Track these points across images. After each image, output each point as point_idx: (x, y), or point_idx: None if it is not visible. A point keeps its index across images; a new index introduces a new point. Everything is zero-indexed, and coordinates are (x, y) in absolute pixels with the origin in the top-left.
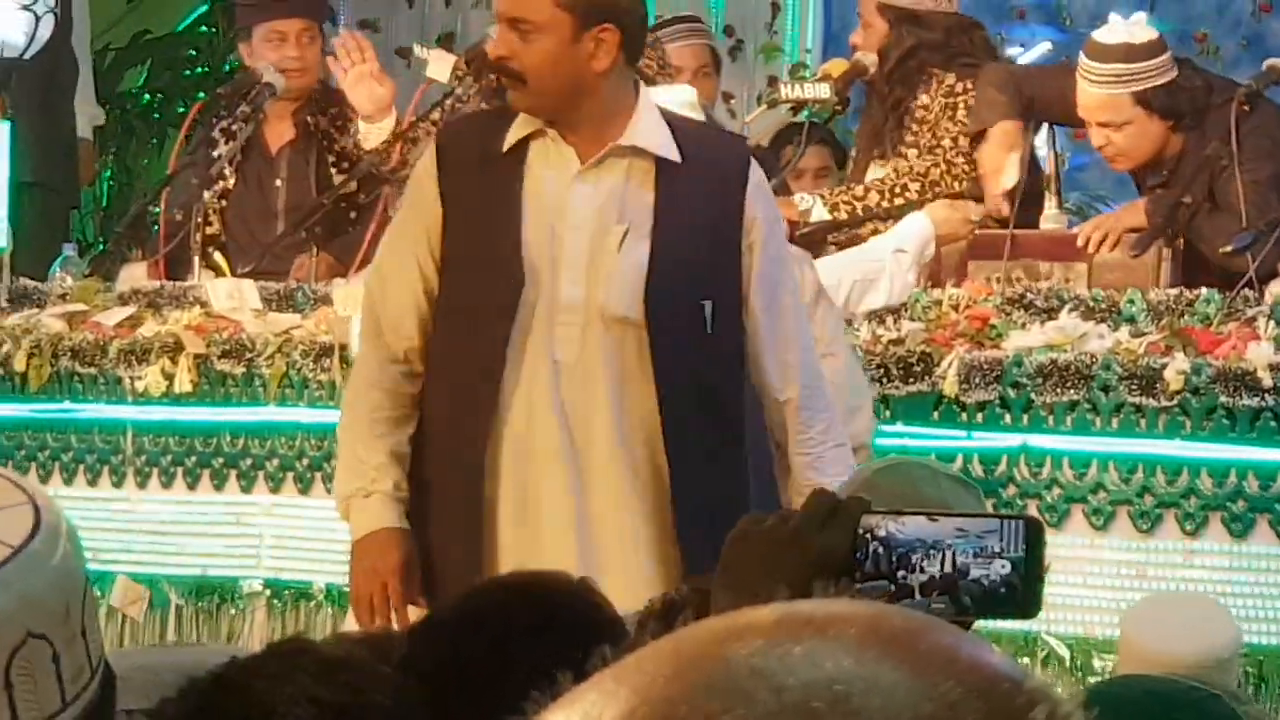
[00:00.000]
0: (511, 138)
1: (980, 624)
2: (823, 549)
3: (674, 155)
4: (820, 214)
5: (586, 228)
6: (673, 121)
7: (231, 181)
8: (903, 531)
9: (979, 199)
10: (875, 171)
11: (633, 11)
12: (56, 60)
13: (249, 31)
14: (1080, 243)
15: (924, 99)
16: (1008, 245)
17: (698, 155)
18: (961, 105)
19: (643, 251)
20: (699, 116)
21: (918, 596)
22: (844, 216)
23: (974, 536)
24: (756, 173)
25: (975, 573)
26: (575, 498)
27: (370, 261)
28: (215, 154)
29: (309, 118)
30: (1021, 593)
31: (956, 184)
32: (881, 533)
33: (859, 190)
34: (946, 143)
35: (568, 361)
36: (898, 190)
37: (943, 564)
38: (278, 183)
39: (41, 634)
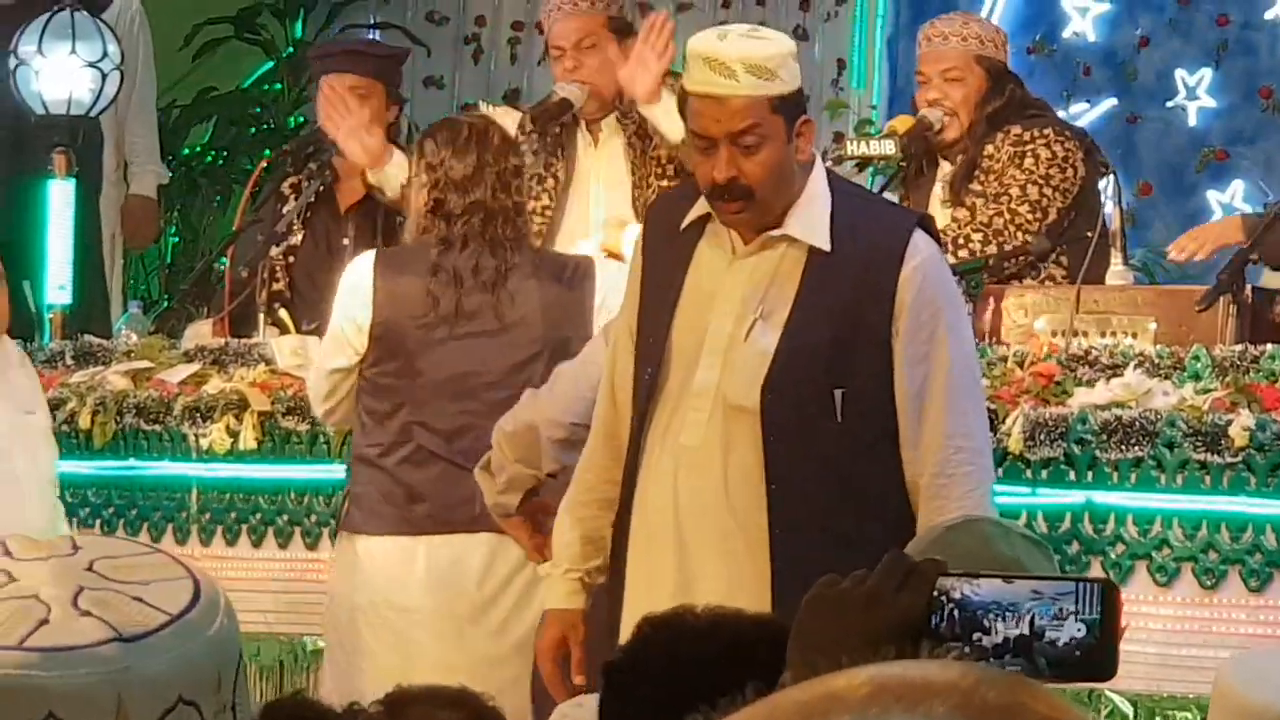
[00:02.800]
0: (690, 216)
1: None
2: (899, 612)
3: (824, 244)
4: None
5: (731, 314)
6: (841, 198)
7: (299, 238)
8: (978, 594)
9: (1045, 254)
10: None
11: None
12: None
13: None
14: (1173, 254)
15: (990, 149)
16: (1076, 299)
17: (853, 240)
18: (1029, 154)
19: (770, 340)
20: None
21: (991, 659)
22: None
23: (1049, 598)
24: (917, 256)
25: (1050, 635)
26: (678, 586)
27: None
28: (283, 209)
29: None
30: (1098, 655)
31: (1020, 234)
32: (957, 595)
33: None
34: (1014, 191)
35: (690, 445)
36: (961, 241)
37: (1018, 626)
38: (345, 241)
39: (193, 701)
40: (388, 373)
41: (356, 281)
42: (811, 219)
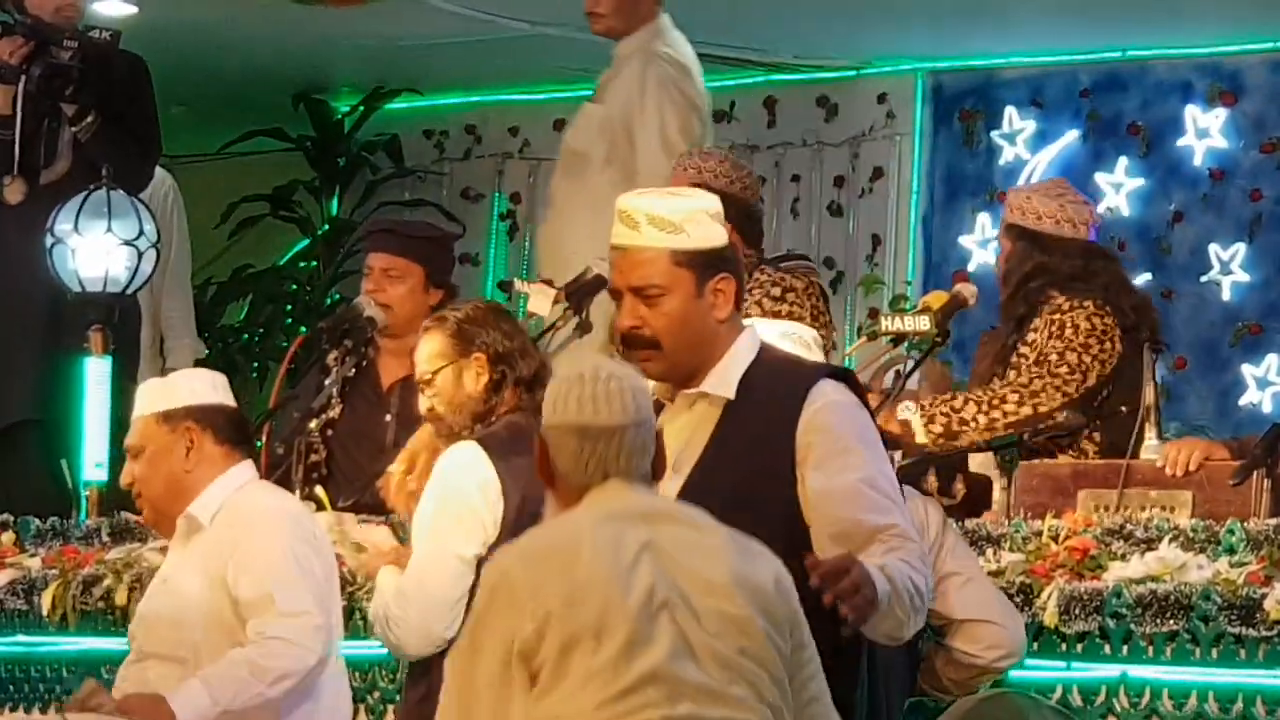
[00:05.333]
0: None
1: None
2: None
3: (729, 394)
4: (917, 424)
5: None
6: (764, 356)
7: (337, 412)
8: None
9: (1078, 428)
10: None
11: (740, 260)
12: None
13: None
14: (1160, 464)
15: (1035, 322)
16: (1123, 474)
17: (761, 391)
18: (1069, 324)
19: (673, 489)
20: (816, 355)
21: None
22: (939, 429)
23: None
24: (820, 399)
25: None
26: None
27: None
28: (326, 381)
29: None
30: None
31: (1059, 395)
32: None
33: (957, 401)
34: (1053, 356)
35: None
36: (995, 402)
37: None
38: (387, 417)
39: None
40: None
41: (480, 476)
42: (726, 374)
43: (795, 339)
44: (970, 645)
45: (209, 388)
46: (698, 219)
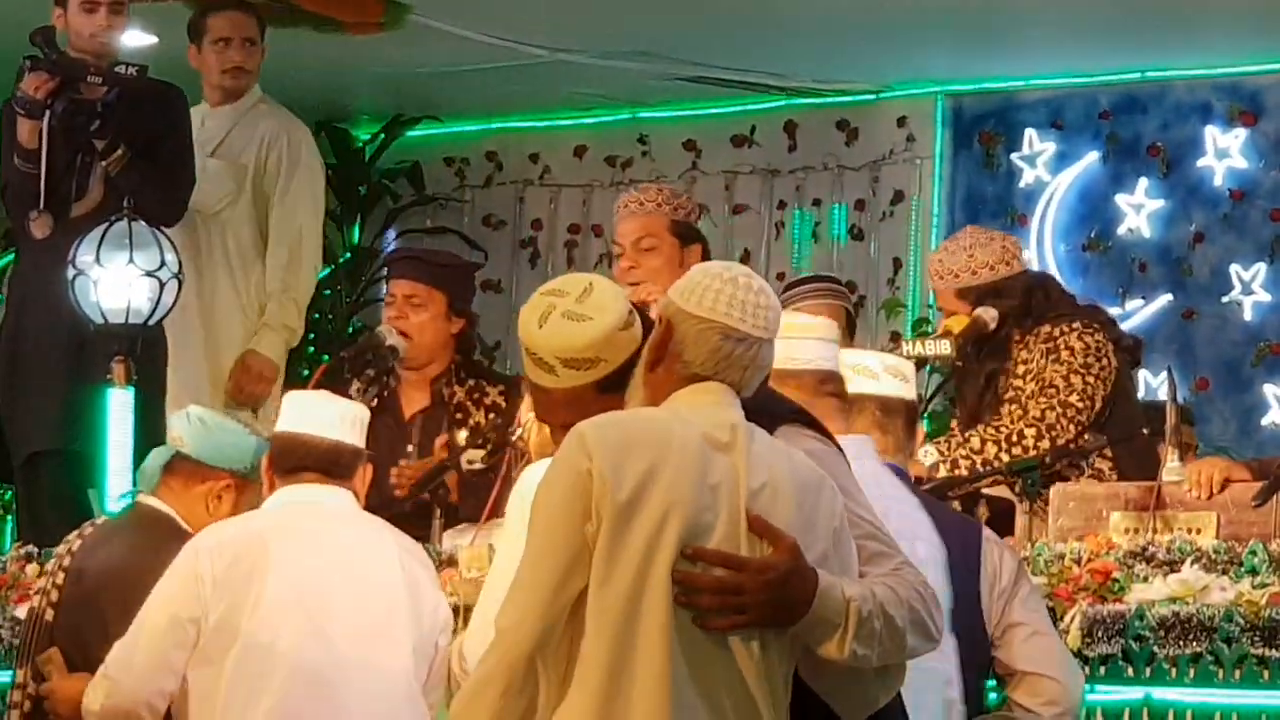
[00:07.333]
0: None
1: None
2: None
3: None
4: (942, 470)
5: None
6: None
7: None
8: None
9: (1099, 449)
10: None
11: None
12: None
13: None
14: (1185, 486)
15: (1023, 354)
16: (1155, 496)
17: None
18: (1063, 347)
19: None
20: (887, 383)
21: None
22: (964, 473)
23: None
24: None
25: None
26: None
27: (497, 516)
28: None
29: (445, 389)
30: None
31: (1072, 426)
32: None
33: (975, 443)
34: (1059, 383)
35: None
36: (1015, 439)
37: None
38: (409, 448)
39: None
40: None
41: None
42: None
43: (861, 370)
44: (1030, 699)
45: (296, 415)
46: (610, 340)
